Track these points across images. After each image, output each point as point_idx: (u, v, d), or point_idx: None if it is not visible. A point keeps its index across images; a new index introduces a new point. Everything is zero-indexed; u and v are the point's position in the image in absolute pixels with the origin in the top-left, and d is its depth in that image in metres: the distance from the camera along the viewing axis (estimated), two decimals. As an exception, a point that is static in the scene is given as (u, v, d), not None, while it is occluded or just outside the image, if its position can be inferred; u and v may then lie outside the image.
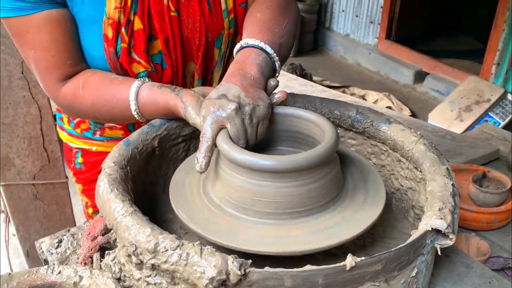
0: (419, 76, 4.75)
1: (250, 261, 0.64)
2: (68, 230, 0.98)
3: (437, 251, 0.72)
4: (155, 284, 0.70)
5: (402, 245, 0.67)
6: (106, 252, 0.81)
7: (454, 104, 3.87)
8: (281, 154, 0.92)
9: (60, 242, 0.96)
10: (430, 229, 0.70)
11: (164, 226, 0.86)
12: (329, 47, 5.73)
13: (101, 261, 0.82)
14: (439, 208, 0.72)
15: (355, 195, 0.84)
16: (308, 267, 0.63)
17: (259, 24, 1.01)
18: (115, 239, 0.84)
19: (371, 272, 0.65)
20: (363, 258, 0.64)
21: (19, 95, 1.82)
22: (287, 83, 3.17)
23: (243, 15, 1.13)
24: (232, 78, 0.88)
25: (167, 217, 0.93)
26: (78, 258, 0.86)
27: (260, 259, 0.69)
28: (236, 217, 0.79)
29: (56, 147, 1.98)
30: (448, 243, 0.71)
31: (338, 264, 0.63)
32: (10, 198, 2.00)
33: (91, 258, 0.84)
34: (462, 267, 0.89)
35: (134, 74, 1.05)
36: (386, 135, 0.95)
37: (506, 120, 3.69)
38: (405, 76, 4.82)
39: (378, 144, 0.99)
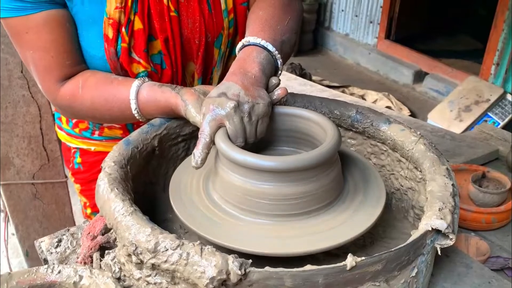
0: (419, 76, 4.75)
1: (250, 261, 0.64)
2: (68, 230, 0.98)
3: (437, 251, 0.72)
4: (155, 283, 0.70)
5: (402, 245, 0.67)
6: (106, 251, 0.81)
7: (453, 104, 3.87)
8: (282, 154, 0.92)
9: (59, 241, 0.96)
10: (430, 229, 0.70)
11: (164, 225, 0.86)
12: (328, 47, 5.72)
13: (101, 260, 0.82)
14: (439, 208, 0.72)
15: (355, 195, 0.84)
16: (308, 267, 0.63)
17: (261, 22, 1.01)
18: (115, 239, 0.84)
19: (371, 272, 0.66)
20: (363, 258, 0.64)
21: (18, 94, 1.82)
22: (287, 82, 3.17)
23: (244, 15, 1.13)
24: (233, 76, 0.88)
25: (167, 216, 0.93)
26: (78, 258, 0.86)
27: (260, 259, 0.69)
28: (236, 217, 0.79)
29: (56, 146, 1.98)
30: (448, 243, 0.71)
31: (338, 264, 0.63)
32: (10, 198, 2.00)
33: (91, 257, 0.84)
34: (462, 267, 0.89)
35: (134, 74, 1.05)
36: (386, 135, 0.95)
37: (506, 120, 3.69)
38: (404, 76, 4.82)
39: (378, 144, 0.99)
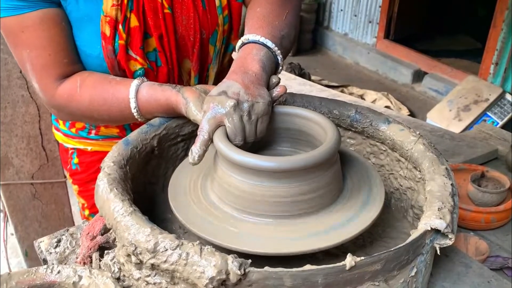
0: (418, 76, 4.75)
1: (250, 260, 0.64)
2: (67, 230, 0.98)
3: (436, 251, 0.72)
4: (154, 283, 0.70)
5: (402, 245, 0.67)
6: (105, 251, 0.81)
7: (452, 103, 3.87)
8: (281, 154, 0.92)
9: (59, 241, 0.96)
10: (430, 228, 0.70)
11: (163, 225, 0.86)
12: (327, 47, 5.72)
13: (100, 260, 0.82)
14: (438, 208, 0.72)
15: (354, 195, 0.84)
16: (307, 266, 0.63)
17: (259, 18, 1.01)
18: (114, 239, 0.84)
19: (370, 271, 0.66)
20: (362, 258, 0.64)
21: (17, 94, 1.82)
22: (286, 82, 3.17)
23: (239, 11, 1.13)
24: (233, 75, 0.88)
25: (167, 216, 0.93)
26: (77, 258, 0.86)
27: (259, 259, 0.69)
28: (235, 217, 0.79)
29: (55, 146, 1.98)
30: (448, 242, 0.71)
31: (337, 264, 0.63)
32: (9, 198, 2.00)
33: (90, 257, 0.84)
34: (461, 267, 0.89)
35: (131, 71, 1.05)
36: (385, 134, 0.95)
37: (505, 119, 3.70)
38: (403, 76, 4.82)
39: (377, 143, 0.99)
